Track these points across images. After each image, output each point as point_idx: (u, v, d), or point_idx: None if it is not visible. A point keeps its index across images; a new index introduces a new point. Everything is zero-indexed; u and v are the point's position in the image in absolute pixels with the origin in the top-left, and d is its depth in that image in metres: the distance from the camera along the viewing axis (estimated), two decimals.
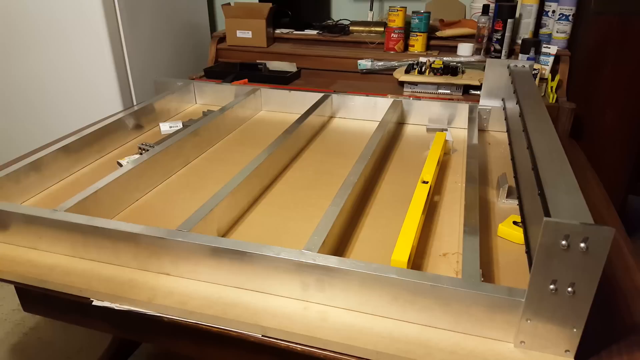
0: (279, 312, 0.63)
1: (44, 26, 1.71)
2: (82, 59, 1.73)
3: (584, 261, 0.50)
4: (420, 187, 0.85)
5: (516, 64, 1.19)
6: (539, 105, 0.90)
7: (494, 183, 0.97)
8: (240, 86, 1.43)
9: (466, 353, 0.57)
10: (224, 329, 0.63)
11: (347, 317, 0.62)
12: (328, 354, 0.59)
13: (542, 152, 0.69)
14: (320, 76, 1.84)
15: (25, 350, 1.48)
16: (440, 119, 1.27)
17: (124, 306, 0.67)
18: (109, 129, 1.12)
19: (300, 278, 0.63)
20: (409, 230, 0.73)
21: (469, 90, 1.59)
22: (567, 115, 1.48)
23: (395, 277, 0.59)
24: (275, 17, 1.99)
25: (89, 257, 0.74)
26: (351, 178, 0.86)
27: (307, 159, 1.10)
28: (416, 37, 1.78)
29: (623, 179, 1.69)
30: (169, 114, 1.35)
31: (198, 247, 0.66)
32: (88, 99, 1.80)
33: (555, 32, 1.69)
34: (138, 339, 0.82)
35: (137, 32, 1.78)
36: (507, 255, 0.75)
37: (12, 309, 1.63)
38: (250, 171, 0.89)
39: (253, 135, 1.24)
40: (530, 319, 0.55)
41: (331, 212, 0.75)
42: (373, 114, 1.31)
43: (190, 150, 1.07)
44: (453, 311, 0.59)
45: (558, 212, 0.53)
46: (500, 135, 1.22)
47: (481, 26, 1.70)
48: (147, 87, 1.86)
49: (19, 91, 1.86)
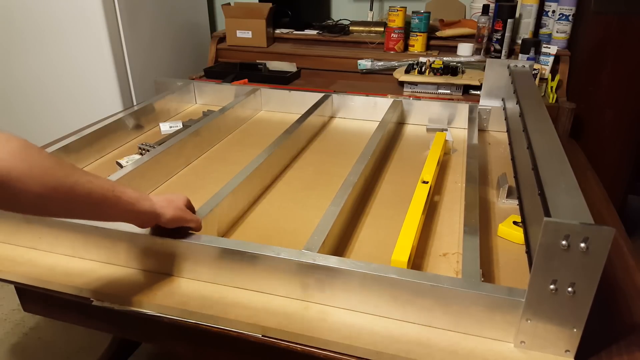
0: (279, 312, 0.63)
1: (44, 26, 1.71)
2: (82, 59, 1.73)
3: (584, 261, 0.50)
4: (420, 187, 0.85)
5: (516, 64, 1.19)
6: (539, 105, 0.90)
7: (494, 183, 0.97)
8: (240, 86, 1.43)
9: (466, 353, 0.57)
10: (224, 329, 0.63)
11: (347, 317, 0.62)
12: (328, 354, 0.59)
13: (542, 152, 0.69)
14: (320, 76, 1.84)
15: (25, 350, 1.48)
16: (440, 119, 1.27)
17: (124, 306, 0.67)
18: (109, 129, 1.12)
19: (300, 278, 0.63)
20: (409, 230, 0.73)
21: (469, 90, 1.59)
22: (567, 115, 1.48)
23: (395, 277, 0.59)
24: (275, 17, 1.99)
25: (89, 257, 0.74)
26: (351, 178, 0.86)
27: (307, 159, 1.10)
28: (416, 37, 1.78)
29: (623, 179, 1.69)
30: (169, 114, 1.35)
31: (198, 247, 0.66)
32: (88, 99, 1.80)
33: (555, 32, 1.69)
34: (138, 339, 0.82)
35: (137, 32, 1.78)
36: (507, 255, 0.75)
37: (12, 309, 1.63)
38: (250, 171, 0.89)
39: (253, 135, 1.24)
40: (530, 319, 0.55)
41: (331, 212, 0.75)
42: (373, 114, 1.31)
43: (191, 151, 1.07)
44: (453, 311, 0.59)
45: (558, 212, 0.53)
46: (500, 135, 1.22)
47: (481, 26, 1.70)
48: (147, 87, 1.86)
49: (19, 91, 1.86)
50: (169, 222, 0.65)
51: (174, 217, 0.65)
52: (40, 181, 0.49)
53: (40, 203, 0.50)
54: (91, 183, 0.55)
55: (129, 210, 0.60)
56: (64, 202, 0.52)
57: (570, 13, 1.64)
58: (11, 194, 0.48)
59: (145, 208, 0.62)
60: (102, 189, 0.56)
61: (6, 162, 0.47)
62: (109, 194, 0.57)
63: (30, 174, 0.48)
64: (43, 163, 0.50)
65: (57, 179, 0.50)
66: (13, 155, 0.47)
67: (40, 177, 0.49)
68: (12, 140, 0.49)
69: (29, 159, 0.49)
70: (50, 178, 0.50)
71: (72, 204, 0.53)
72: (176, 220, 0.66)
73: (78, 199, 0.53)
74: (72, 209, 0.55)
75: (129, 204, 0.59)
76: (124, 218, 0.61)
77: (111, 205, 0.57)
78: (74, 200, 0.53)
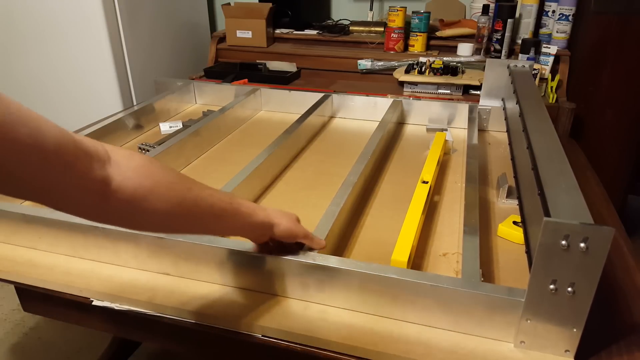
0: (279, 312, 0.63)
1: (44, 26, 1.71)
2: (82, 59, 1.73)
3: (584, 261, 0.50)
4: (420, 187, 0.85)
5: (516, 64, 1.19)
6: (539, 105, 0.90)
7: (494, 183, 0.97)
8: (240, 86, 1.43)
9: (466, 353, 0.57)
10: (223, 329, 0.63)
11: (347, 317, 0.62)
12: (328, 354, 0.59)
13: (542, 152, 0.69)
14: (320, 76, 1.84)
15: (25, 350, 1.48)
16: (440, 119, 1.27)
17: (124, 306, 0.67)
18: (109, 129, 1.12)
19: (300, 278, 0.63)
20: (409, 230, 0.73)
21: (469, 90, 1.59)
22: (567, 115, 1.48)
23: (395, 277, 0.59)
24: (275, 17, 1.99)
25: (89, 257, 0.74)
26: (351, 178, 0.86)
27: (307, 159, 1.10)
28: (416, 37, 1.78)
29: (623, 179, 1.68)
30: (169, 114, 1.35)
31: (198, 247, 0.66)
32: (88, 99, 1.80)
33: (555, 32, 1.69)
34: (138, 339, 0.82)
35: (137, 32, 1.78)
36: (507, 255, 0.75)
37: (12, 309, 1.63)
38: (250, 171, 0.89)
39: (253, 135, 1.24)
40: (530, 319, 0.55)
41: (331, 212, 0.75)
42: (373, 114, 1.31)
43: (191, 151, 1.07)
44: (453, 311, 0.59)
45: (558, 212, 0.53)
46: (500, 135, 1.22)
47: (481, 26, 1.70)
48: (147, 87, 1.86)
49: (18, 91, 1.86)
50: (283, 232, 0.62)
51: (288, 228, 0.62)
52: (165, 197, 0.48)
53: (165, 219, 0.49)
54: (212, 196, 0.53)
55: (247, 222, 0.58)
56: (187, 217, 0.51)
57: (570, 13, 1.64)
58: (139, 212, 0.47)
59: (262, 218, 0.60)
60: (221, 201, 0.54)
61: (131, 180, 0.45)
62: (228, 206, 0.55)
63: (155, 191, 0.47)
64: (166, 179, 0.49)
65: (180, 194, 0.49)
66: (137, 172, 0.46)
67: (165, 193, 0.48)
68: (135, 157, 0.47)
69: (153, 176, 0.47)
70: (174, 193, 0.49)
71: (195, 218, 0.52)
72: (290, 232, 0.62)
73: (201, 213, 0.52)
74: (195, 224, 0.53)
75: (247, 215, 0.58)
76: (242, 231, 0.59)
77: (231, 217, 0.56)
78: (197, 214, 0.52)
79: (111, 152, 0.46)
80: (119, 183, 0.45)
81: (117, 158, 0.46)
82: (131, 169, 0.46)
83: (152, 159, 0.49)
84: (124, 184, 0.45)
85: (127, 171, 0.45)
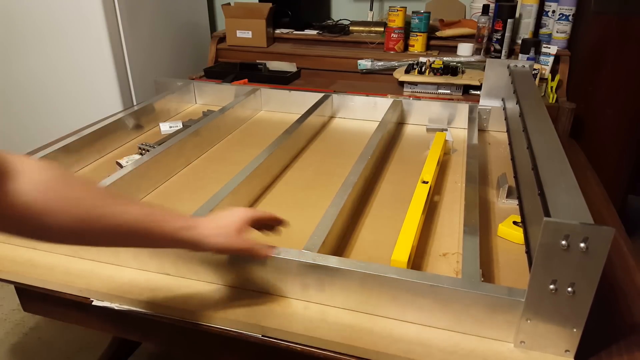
0: (279, 312, 0.63)
1: (44, 26, 1.71)
2: (82, 59, 1.72)
3: (584, 261, 0.50)
4: (420, 187, 0.85)
5: (516, 64, 1.19)
6: (539, 105, 0.90)
7: (494, 183, 0.97)
8: (240, 86, 1.43)
9: (466, 353, 0.57)
10: (224, 329, 0.63)
11: (347, 317, 0.62)
12: (328, 354, 0.59)
13: (542, 152, 0.69)
14: (320, 76, 1.84)
15: (25, 350, 1.48)
16: (440, 119, 1.27)
17: (124, 306, 0.67)
18: (109, 129, 1.12)
19: (300, 278, 0.63)
20: (408, 230, 0.73)
21: (469, 90, 1.58)
22: (567, 115, 1.48)
23: (395, 277, 0.59)
24: (275, 17, 1.99)
25: (89, 257, 0.74)
26: (351, 178, 0.86)
27: (307, 159, 1.10)
28: (416, 37, 1.78)
29: (623, 179, 1.68)
30: (169, 114, 1.35)
31: None
32: (88, 99, 1.80)
33: (555, 32, 1.69)
34: (138, 339, 0.82)
35: (137, 32, 1.78)
36: (507, 255, 0.75)
37: (12, 309, 1.63)
38: (250, 171, 0.89)
39: (253, 135, 1.24)
40: (530, 319, 0.55)
41: (331, 212, 0.75)
42: (373, 114, 1.31)
43: (191, 151, 1.07)
44: (453, 311, 0.59)
45: (558, 212, 0.53)
46: (500, 135, 1.22)
47: (481, 26, 1.70)
48: (147, 87, 1.86)
49: (18, 91, 1.86)
50: (218, 249, 0.60)
51: (222, 246, 0.59)
52: (68, 213, 0.48)
53: (72, 234, 0.49)
54: (125, 214, 0.52)
55: (168, 240, 0.56)
56: (94, 233, 0.51)
57: (570, 13, 1.64)
58: (38, 226, 0.47)
59: (186, 238, 0.57)
60: (135, 220, 0.53)
61: (27, 196, 0.45)
62: (140, 225, 0.53)
63: (55, 207, 0.47)
64: (73, 194, 0.49)
65: (84, 210, 0.49)
66: (37, 187, 0.46)
67: (67, 209, 0.48)
68: (48, 172, 0.47)
69: (57, 191, 0.47)
70: (77, 210, 0.48)
71: (103, 234, 0.52)
72: (224, 249, 0.60)
73: (107, 231, 0.51)
74: (106, 239, 0.53)
75: (169, 233, 0.56)
76: (167, 246, 0.59)
77: (143, 237, 0.54)
78: (103, 231, 0.51)
79: (22, 164, 0.46)
80: (14, 197, 0.45)
81: (27, 171, 0.46)
82: (33, 183, 0.46)
83: (67, 175, 0.49)
84: (19, 198, 0.45)
85: (27, 185, 0.45)
